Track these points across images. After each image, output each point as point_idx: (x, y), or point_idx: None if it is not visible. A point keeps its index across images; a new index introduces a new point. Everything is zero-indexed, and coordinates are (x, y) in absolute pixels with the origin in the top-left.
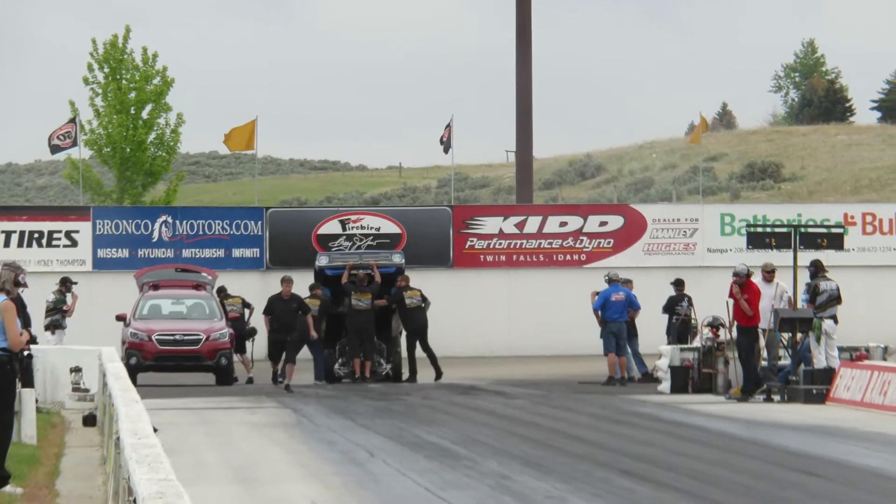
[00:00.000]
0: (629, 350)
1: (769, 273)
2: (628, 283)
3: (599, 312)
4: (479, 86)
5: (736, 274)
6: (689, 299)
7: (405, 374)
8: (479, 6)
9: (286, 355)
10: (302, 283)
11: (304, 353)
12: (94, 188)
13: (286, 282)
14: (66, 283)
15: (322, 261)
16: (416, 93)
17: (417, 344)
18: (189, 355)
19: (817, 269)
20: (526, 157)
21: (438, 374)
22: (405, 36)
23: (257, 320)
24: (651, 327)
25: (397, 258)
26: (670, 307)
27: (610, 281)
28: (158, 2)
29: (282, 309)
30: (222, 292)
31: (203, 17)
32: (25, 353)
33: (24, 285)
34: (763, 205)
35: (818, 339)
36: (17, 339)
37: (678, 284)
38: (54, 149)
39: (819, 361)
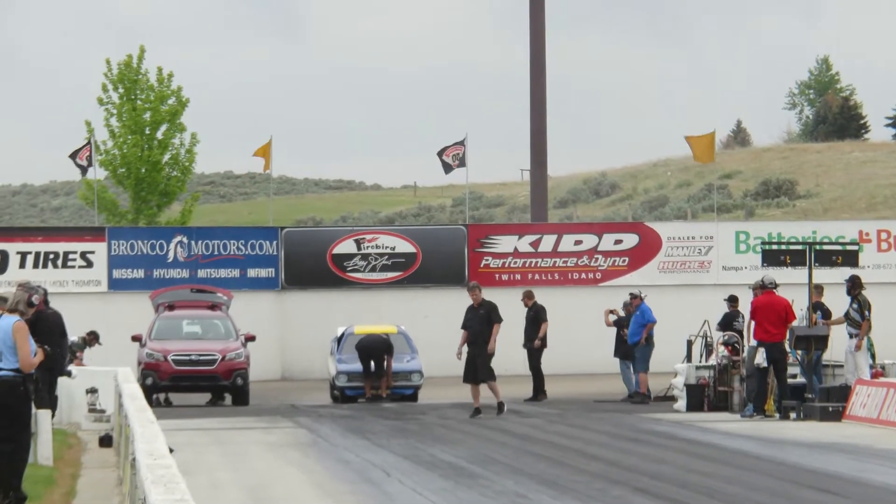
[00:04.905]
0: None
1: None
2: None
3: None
4: (493, 102)
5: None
6: (744, 316)
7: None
8: (492, 21)
9: (480, 373)
10: (318, 303)
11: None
12: (110, 209)
13: (474, 289)
14: (92, 335)
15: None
16: (430, 110)
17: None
18: (205, 375)
19: (854, 285)
20: (540, 176)
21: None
22: (419, 52)
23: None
24: (667, 345)
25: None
26: (727, 323)
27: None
28: (170, 21)
29: (473, 318)
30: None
31: (214, 34)
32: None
33: (37, 305)
34: (778, 222)
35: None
36: (28, 360)
37: (732, 301)
38: (82, 170)
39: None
